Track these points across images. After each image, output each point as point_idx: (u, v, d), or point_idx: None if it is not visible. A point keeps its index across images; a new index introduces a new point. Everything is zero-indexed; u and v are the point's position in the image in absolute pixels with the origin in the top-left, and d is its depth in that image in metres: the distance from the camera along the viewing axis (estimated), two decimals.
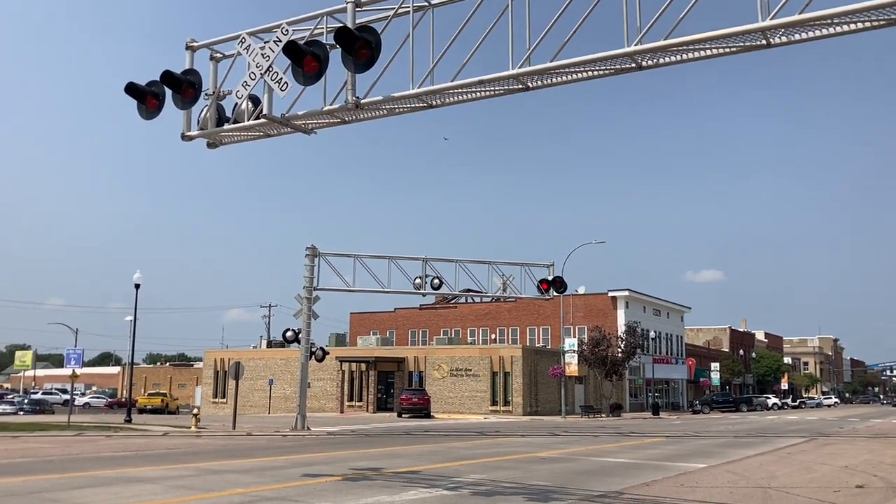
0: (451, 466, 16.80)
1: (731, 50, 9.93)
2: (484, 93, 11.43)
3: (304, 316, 33.78)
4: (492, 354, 58.16)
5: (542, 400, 58.68)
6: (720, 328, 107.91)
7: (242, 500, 11.09)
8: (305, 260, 34.20)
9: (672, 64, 10.34)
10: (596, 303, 72.58)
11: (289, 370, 60.88)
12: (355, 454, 20.12)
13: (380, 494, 11.88)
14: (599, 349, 59.20)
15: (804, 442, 26.29)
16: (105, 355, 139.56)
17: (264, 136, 13.11)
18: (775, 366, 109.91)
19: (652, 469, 16.52)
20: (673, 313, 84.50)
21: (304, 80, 11.03)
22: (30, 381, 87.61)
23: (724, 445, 24.66)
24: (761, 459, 19.19)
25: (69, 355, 37.11)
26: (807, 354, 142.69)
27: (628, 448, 23.29)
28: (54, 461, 17.37)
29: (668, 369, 79.64)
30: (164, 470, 15.41)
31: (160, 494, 11.68)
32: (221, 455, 19.53)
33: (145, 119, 12.32)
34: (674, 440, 27.51)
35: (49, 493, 11.79)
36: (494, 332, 76.73)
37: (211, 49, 12.86)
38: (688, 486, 13.52)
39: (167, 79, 11.98)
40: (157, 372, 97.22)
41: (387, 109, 12.04)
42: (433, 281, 34.24)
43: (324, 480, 13.73)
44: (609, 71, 10.70)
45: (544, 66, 10.49)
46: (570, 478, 14.63)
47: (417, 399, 51.18)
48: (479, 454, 20.23)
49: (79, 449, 20.99)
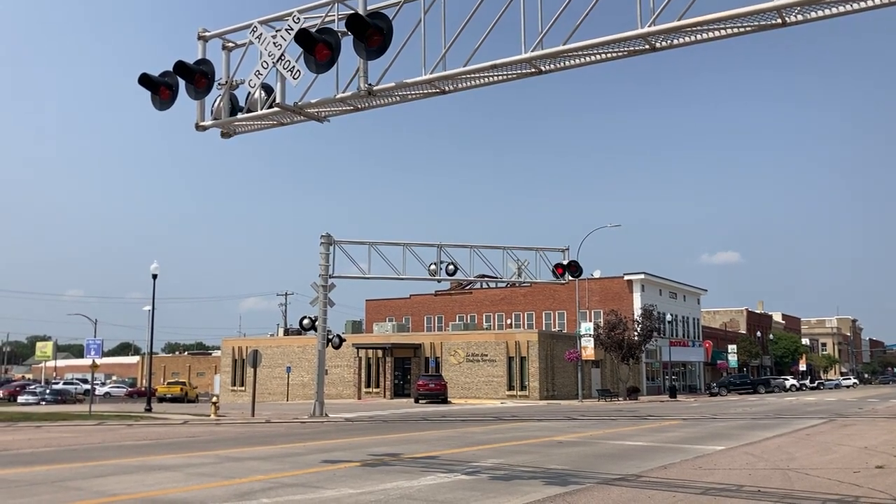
0: (468, 451, 16.87)
1: (746, 29, 9.81)
2: (496, 77, 11.38)
3: (320, 304, 33.91)
4: (508, 339, 58.21)
5: (558, 384, 58.73)
6: (737, 310, 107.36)
7: (263, 487, 11.20)
8: (320, 248, 34.28)
9: (686, 45, 10.24)
10: (612, 286, 72.39)
11: (306, 358, 61.23)
12: (373, 440, 20.24)
13: (398, 480, 11.95)
14: (616, 333, 59.10)
15: (823, 423, 26.18)
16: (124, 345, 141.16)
17: (278, 125, 13.12)
18: (793, 347, 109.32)
19: (670, 452, 16.52)
20: (689, 296, 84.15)
21: (317, 67, 11.02)
22: (51, 372, 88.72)
23: (742, 427, 24.60)
24: (780, 441, 19.14)
25: (89, 345, 37.43)
26: (825, 335, 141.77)
27: (646, 431, 23.29)
28: (77, 450, 17.59)
29: (685, 352, 79.41)
30: (185, 458, 15.57)
31: (182, 482, 11.81)
32: (241, 442, 19.71)
33: (159, 110, 12.37)
34: (691, 423, 27.47)
35: (72, 481, 11.95)
36: (510, 317, 76.74)
37: (223, 39, 12.87)
38: (706, 468, 13.51)
39: (180, 69, 12.01)
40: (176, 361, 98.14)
41: (399, 96, 12.01)
42: (448, 267, 34.27)
43: (343, 466, 13.83)
44: (622, 53, 10.62)
45: (557, 49, 10.42)
46: (587, 461, 14.66)
47: (434, 385, 51.36)
48: (496, 439, 20.30)
49: (100, 438, 21.24)
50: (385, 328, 66.42)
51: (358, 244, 35.17)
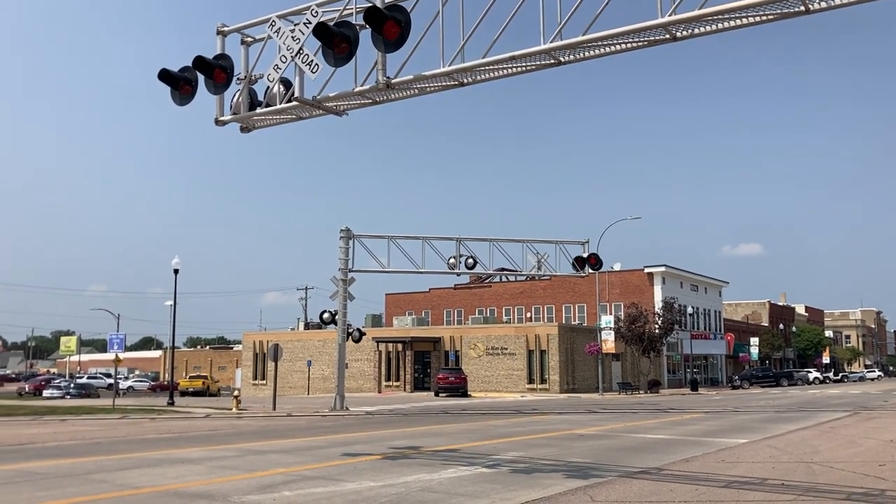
0: (489, 444, 16.86)
1: (768, 17, 9.68)
2: (516, 69, 11.31)
3: (339, 298, 34.02)
4: (527, 333, 58.10)
5: (578, 377, 58.57)
6: (759, 302, 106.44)
7: (285, 480, 11.25)
8: (340, 242, 34.37)
9: (707, 34, 10.11)
10: (632, 279, 72.00)
11: (326, 351, 61.52)
12: (394, 433, 20.28)
13: (419, 473, 11.96)
14: (636, 326, 58.78)
15: (847, 416, 25.91)
16: (147, 340, 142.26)
17: (296, 119, 13.14)
18: (816, 340, 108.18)
19: (692, 445, 16.41)
20: (710, 288, 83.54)
21: (335, 61, 11.00)
22: (75, 366, 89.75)
23: (765, 420, 24.40)
24: (803, 434, 18.96)
25: (112, 340, 37.86)
26: (849, 327, 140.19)
27: (667, 424, 23.16)
28: (101, 443, 17.79)
29: (707, 345, 78.85)
30: (208, 451, 15.68)
31: (204, 475, 11.90)
32: (263, 436, 19.83)
33: (179, 105, 12.42)
34: (713, 416, 27.28)
35: (97, 474, 12.07)
36: (529, 310, 76.58)
37: (241, 33, 12.90)
38: (729, 461, 13.41)
39: (199, 64, 12.05)
40: (198, 355, 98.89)
41: (418, 89, 11.97)
42: (467, 260, 34.24)
43: (364, 459, 13.86)
44: (642, 43, 10.51)
45: (576, 39, 10.33)
46: (609, 454, 14.59)
47: (454, 378, 51.40)
48: (516, 432, 20.27)
49: (124, 431, 21.47)
50: (405, 322, 66.54)
51: (377, 238, 35.24)
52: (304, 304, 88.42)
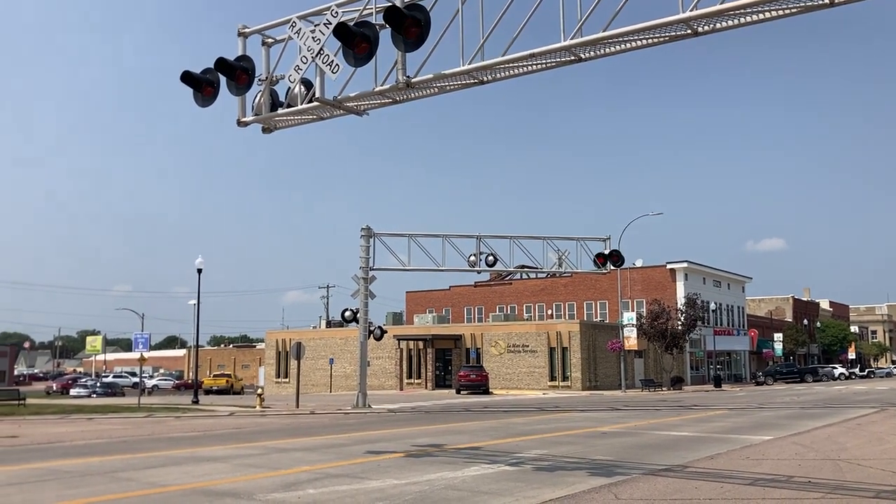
0: (511, 442, 16.86)
1: (791, 10, 9.57)
2: (536, 66, 11.28)
3: (361, 296, 34.14)
4: (549, 330, 57.97)
5: (601, 375, 58.35)
6: (783, 298, 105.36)
7: (309, 478, 11.32)
8: (361, 240, 34.50)
9: (730, 28, 10.03)
10: (654, 275, 71.58)
11: (348, 349, 61.77)
12: (416, 431, 20.33)
13: (443, 470, 11.99)
14: (659, 322, 58.44)
15: (875, 413, 25.60)
16: (171, 338, 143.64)
17: (317, 119, 13.20)
18: (841, 335, 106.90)
19: (716, 442, 16.31)
20: (734, 284, 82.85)
21: (355, 61, 11.04)
22: (101, 365, 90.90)
23: (790, 417, 24.18)
24: (830, 431, 18.77)
25: (137, 339, 38.23)
26: (875, 322, 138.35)
27: (691, 421, 23.03)
28: (127, 441, 18.00)
29: (730, 341, 78.23)
30: (233, 449, 15.82)
31: (229, 473, 12.00)
32: (286, 434, 19.96)
33: (201, 106, 12.53)
34: (738, 412, 27.08)
35: (124, 472, 12.22)
36: (550, 307, 76.38)
37: (262, 35, 12.97)
38: (754, 458, 13.31)
39: (221, 66, 12.15)
40: (222, 353, 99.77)
41: (438, 87, 11.98)
42: (488, 258, 34.23)
43: (387, 457, 13.91)
44: (663, 38, 10.44)
45: (597, 35, 10.28)
46: (632, 452, 14.54)
47: (475, 375, 51.41)
48: (539, 429, 20.25)
49: (150, 430, 21.70)
50: (425, 319, 66.62)
51: (397, 236, 35.34)
52: (326, 302, 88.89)
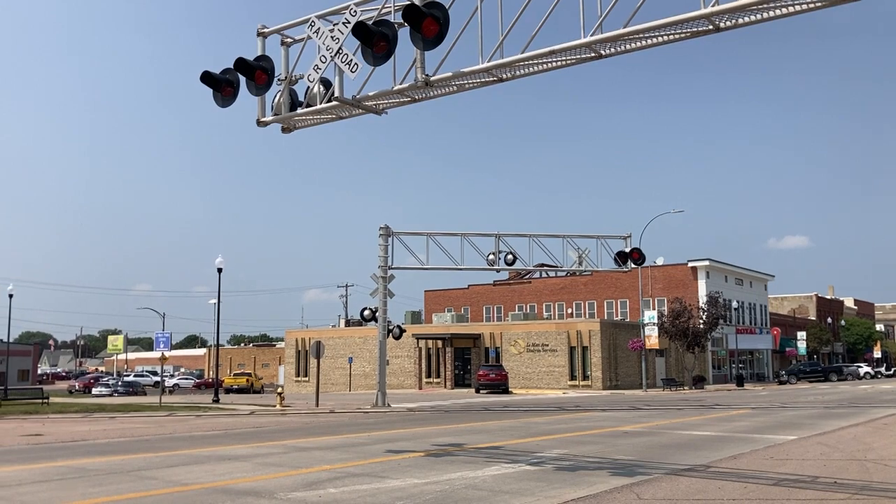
0: (532, 441, 16.79)
1: (817, 5, 9.43)
2: (555, 63, 11.21)
3: (380, 295, 34.18)
4: (569, 329, 57.72)
5: (621, 374, 58.03)
6: (806, 296, 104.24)
7: (330, 477, 11.33)
8: (379, 239, 34.53)
9: (752, 24, 9.91)
10: (675, 274, 71.08)
11: (367, 348, 61.88)
12: (436, 430, 20.31)
13: (463, 470, 11.95)
14: (680, 321, 58.00)
15: None
16: (191, 338, 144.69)
17: (336, 119, 13.21)
18: (866, 333, 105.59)
19: (739, 442, 16.14)
20: (756, 282, 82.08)
21: (374, 60, 11.04)
22: (122, 364, 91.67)
23: (815, 416, 23.90)
24: (855, 431, 18.52)
25: (158, 338, 38.56)
26: None
27: (713, 421, 22.82)
28: (149, 440, 18.13)
29: (752, 339, 77.51)
30: (254, 448, 15.88)
31: (251, 471, 12.04)
32: (307, 432, 20.02)
33: (221, 106, 12.58)
34: (761, 412, 26.81)
35: (146, 470, 12.30)
36: (570, 306, 76.07)
37: (281, 34, 13.01)
38: (778, 458, 13.15)
39: (240, 66, 12.19)
40: (242, 352, 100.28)
41: (456, 85, 11.95)
42: (506, 256, 34.13)
43: (407, 456, 13.90)
44: (685, 34, 10.34)
45: (617, 32, 10.20)
46: (654, 452, 14.42)
47: (495, 375, 51.30)
48: (559, 429, 20.15)
49: (171, 429, 21.85)
50: (444, 318, 66.60)
51: (416, 235, 35.34)
52: (345, 301, 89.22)
